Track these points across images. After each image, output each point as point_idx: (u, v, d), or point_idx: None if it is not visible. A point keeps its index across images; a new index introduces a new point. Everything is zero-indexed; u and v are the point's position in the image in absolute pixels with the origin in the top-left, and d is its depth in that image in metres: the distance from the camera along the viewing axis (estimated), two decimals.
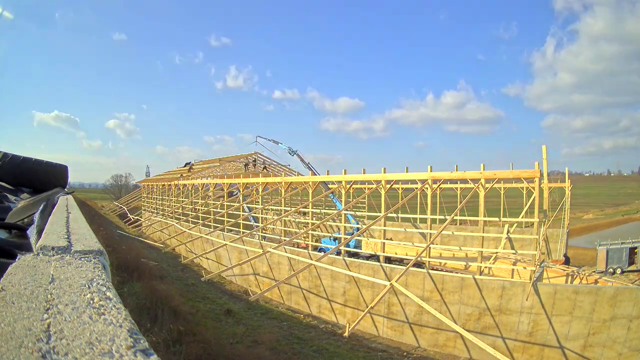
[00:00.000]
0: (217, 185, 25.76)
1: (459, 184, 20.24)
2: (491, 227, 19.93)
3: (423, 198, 15.90)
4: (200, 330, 7.42)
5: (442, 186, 19.26)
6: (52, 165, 7.88)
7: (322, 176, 23.12)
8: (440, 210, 20.01)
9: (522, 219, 18.62)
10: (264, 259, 16.51)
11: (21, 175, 6.97)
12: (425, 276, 11.83)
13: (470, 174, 12.50)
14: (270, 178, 21.75)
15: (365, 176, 15.51)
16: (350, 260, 13.82)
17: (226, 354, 6.93)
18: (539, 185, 11.59)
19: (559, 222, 19.79)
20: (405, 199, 16.38)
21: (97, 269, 1.23)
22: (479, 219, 12.27)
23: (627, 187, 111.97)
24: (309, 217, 21.21)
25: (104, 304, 0.92)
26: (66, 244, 1.56)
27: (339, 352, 9.98)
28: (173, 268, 16.93)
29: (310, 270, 14.40)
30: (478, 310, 10.94)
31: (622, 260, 20.17)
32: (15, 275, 1.14)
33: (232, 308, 11.90)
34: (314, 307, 14.79)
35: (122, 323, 0.82)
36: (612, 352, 9.49)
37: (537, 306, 10.17)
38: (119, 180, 77.26)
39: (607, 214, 70.13)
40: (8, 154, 7.17)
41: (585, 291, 9.90)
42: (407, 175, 14.96)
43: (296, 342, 10.23)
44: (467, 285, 11.13)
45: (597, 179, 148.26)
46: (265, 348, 8.70)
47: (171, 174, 38.17)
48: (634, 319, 9.32)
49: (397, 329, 12.37)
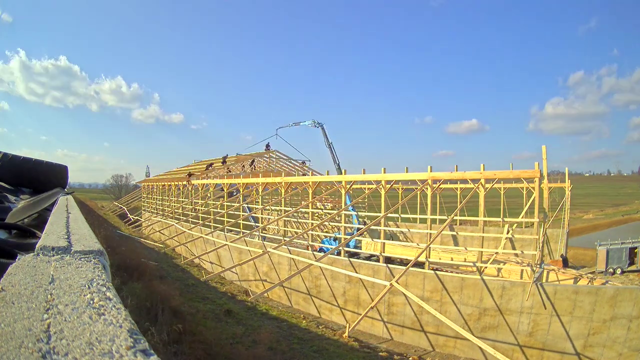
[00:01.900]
0: (217, 185, 25.74)
1: (458, 184, 20.25)
2: (491, 227, 19.94)
3: (423, 198, 15.90)
4: (200, 330, 7.42)
5: (442, 186, 19.27)
6: (52, 165, 7.88)
7: (322, 176, 23.10)
8: (440, 210, 20.01)
9: (522, 219, 18.61)
10: (264, 259, 16.51)
11: (21, 175, 6.97)
12: (426, 276, 11.84)
13: (470, 174, 12.50)
14: (270, 178, 21.72)
15: (365, 176, 15.51)
16: (350, 260, 13.81)
17: (226, 354, 6.93)
18: (539, 186, 11.59)
19: (559, 222, 19.79)
20: (405, 199, 16.38)
21: (97, 269, 1.23)
22: (479, 219, 12.27)
23: (627, 187, 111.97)
24: (309, 217, 21.19)
25: (104, 304, 0.92)
26: (66, 244, 1.56)
27: (339, 352, 9.98)
28: (173, 268, 16.91)
29: (311, 270, 14.40)
30: (478, 310, 10.94)
31: (622, 260, 20.15)
32: (15, 275, 1.14)
33: (232, 308, 11.89)
34: (314, 307, 14.79)
35: (122, 323, 0.82)
36: (612, 352, 9.48)
37: (537, 306, 10.17)
38: (119, 180, 77.31)
39: (607, 214, 70.09)
40: (8, 154, 7.17)
41: (585, 291, 9.90)
42: (407, 175, 14.96)
43: (296, 342, 10.22)
44: (467, 285, 11.13)
45: (597, 179, 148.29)
46: (265, 348, 8.69)
47: (171, 174, 38.16)
48: (634, 319, 9.32)
49: (397, 329, 12.37)
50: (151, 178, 45.79)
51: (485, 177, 12.16)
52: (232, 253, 18.73)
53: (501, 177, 13.49)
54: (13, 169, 6.91)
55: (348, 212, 17.81)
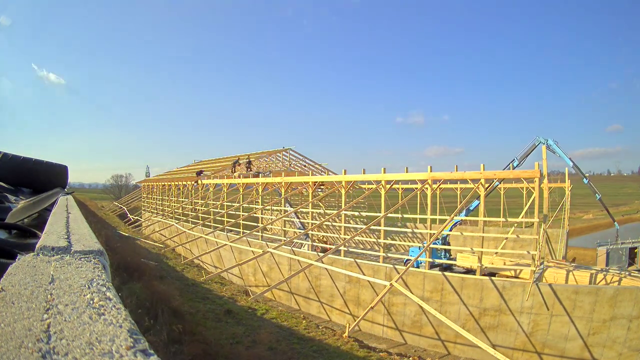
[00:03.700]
0: (217, 185, 25.71)
1: (459, 184, 20.24)
2: (491, 227, 19.94)
3: (423, 198, 15.88)
4: (200, 330, 7.42)
5: (442, 186, 19.25)
6: (52, 165, 7.88)
7: (322, 176, 23.13)
8: (440, 210, 20.00)
9: (522, 219, 18.61)
10: (264, 259, 16.52)
11: (21, 175, 6.97)
12: (426, 276, 11.83)
13: (470, 174, 12.49)
14: (270, 178, 21.73)
15: (365, 176, 15.51)
16: (350, 260, 13.80)
17: (226, 353, 6.92)
18: (539, 186, 11.59)
19: (559, 222, 19.79)
20: (405, 199, 16.37)
21: (97, 269, 1.23)
22: (479, 219, 12.26)
23: (627, 187, 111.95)
24: (309, 216, 21.19)
25: (104, 304, 0.92)
26: (66, 244, 1.56)
27: (339, 352, 9.98)
28: (173, 268, 16.91)
29: (311, 270, 14.40)
30: (478, 310, 10.94)
31: (622, 260, 20.16)
32: (15, 275, 1.14)
33: (232, 308, 11.89)
34: (314, 307, 14.79)
35: (122, 323, 0.82)
36: (612, 352, 9.48)
37: (537, 306, 10.17)
38: (119, 180, 77.27)
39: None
40: (8, 154, 7.17)
41: (585, 291, 9.90)
42: (407, 175, 14.96)
43: (296, 342, 10.22)
44: (467, 285, 11.12)
45: (597, 179, 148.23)
46: (265, 348, 8.69)
47: (171, 174, 38.16)
48: (634, 319, 9.32)
49: (397, 329, 12.37)
50: (151, 178, 45.81)
51: (485, 177, 12.15)
52: (232, 253, 18.73)
53: (501, 177, 13.49)
54: (13, 169, 6.91)
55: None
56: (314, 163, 31.18)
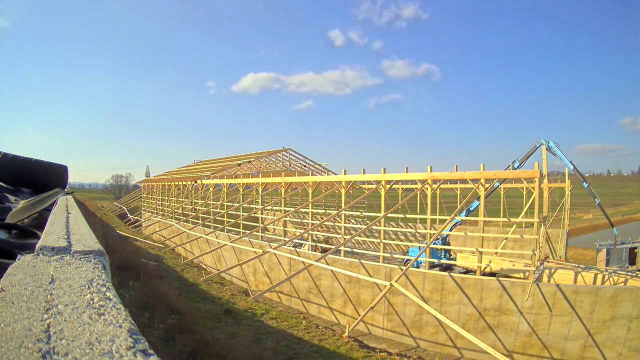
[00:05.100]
0: (217, 185, 25.71)
1: (459, 184, 20.24)
2: (491, 228, 19.94)
3: (423, 198, 15.88)
4: (199, 330, 7.43)
5: (442, 186, 19.25)
6: (52, 165, 7.89)
7: (322, 176, 23.12)
8: (440, 210, 20.00)
9: (522, 219, 18.62)
10: (264, 259, 16.51)
11: (21, 175, 6.98)
12: (426, 276, 11.83)
13: (470, 174, 12.49)
14: (270, 178, 21.71)
15: (365, 176, 15.51)
16: (350, 260, 13.80)
17: (225, 353, 6.93)
18: (539, 186, 11.59)
19: (559, 222, 19.79)
20: (405, 199, 16.38)
21: (97, 270, 1.23)
22: (479, 219, 12.26)
23: (627, 187, 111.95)
24: (309, 216, 21.18)
25: (103, 304, 0.92)
26: (66, 244, 1.56)
27: (339, 352, 9.99)
28: (173, 268, 16.92)
29: (311, 270, 14.39)
30: (478, 310, 10.94)
31: (622, 260, 20.14)
32: (15, 275, 1.14)
33: (231, 308, 11.91)
34: (314, 307, 14.78)
35: (122, 323, 0.82)
36: (612, 352, 9.48)
37: (537, 306, 10.17)
38: (119, 180, 77.28)
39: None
40: (8, 154, 7.18)
41: (585, 291, 9.90)
42: (406, 175, 14.96)
43: (296, 342, 10.23)
44: (467, 286, 11.12)
45: (597, 179, 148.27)
46: (264, 348, 8.70)
47: (171, 174, 38.15)
48: (634, 319, 9.32)
49: (397, 329, 12.36)
50: (151, 178, 45.81)
51: (485, 177, 12.15)
52: (232, 253, 18.73)
53: (501, 177, 13.49)
54: (13, 169, 6.91)
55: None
56: (314, 163, 31.14)
